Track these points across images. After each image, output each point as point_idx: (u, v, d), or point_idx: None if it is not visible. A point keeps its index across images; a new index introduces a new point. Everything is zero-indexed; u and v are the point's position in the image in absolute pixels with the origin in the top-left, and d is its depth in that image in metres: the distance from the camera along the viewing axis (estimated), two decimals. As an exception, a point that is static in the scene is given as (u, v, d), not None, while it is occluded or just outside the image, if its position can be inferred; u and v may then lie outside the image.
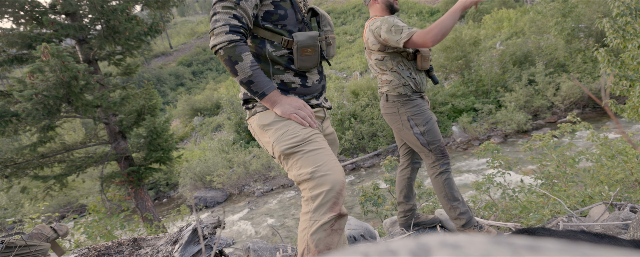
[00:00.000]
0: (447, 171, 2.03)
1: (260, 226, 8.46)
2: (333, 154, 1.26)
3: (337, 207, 1.13)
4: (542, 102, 11.19)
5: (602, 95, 0.69)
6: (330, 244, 1.12)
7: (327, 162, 1.18)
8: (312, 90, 1.38)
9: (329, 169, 1.16)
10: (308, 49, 1.27)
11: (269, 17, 1.26)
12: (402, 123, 2.01)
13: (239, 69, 1.17)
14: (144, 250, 2.08)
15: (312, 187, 1.15)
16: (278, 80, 1.32)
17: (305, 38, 1.26)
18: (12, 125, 5.61)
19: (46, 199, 6.87)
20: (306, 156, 1.19)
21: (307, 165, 1.18)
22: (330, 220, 1.12)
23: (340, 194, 1.14)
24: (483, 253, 0.20)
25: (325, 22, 1.39)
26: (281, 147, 1.23)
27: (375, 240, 2.54)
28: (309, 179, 1.16)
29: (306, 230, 1.14)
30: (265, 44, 1.29)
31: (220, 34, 1.16)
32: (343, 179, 1.17)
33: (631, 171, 2.77)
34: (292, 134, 1.23)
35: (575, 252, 0.20)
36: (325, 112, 1.48)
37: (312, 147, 1.21)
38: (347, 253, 0.22)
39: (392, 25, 1.80)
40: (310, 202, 1.15)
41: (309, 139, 1.23)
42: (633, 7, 4.42)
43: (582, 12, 12.38)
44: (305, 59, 1.28)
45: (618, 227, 1.79)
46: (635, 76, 4.46)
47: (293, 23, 1.29)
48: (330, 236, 1.12)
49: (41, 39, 5.95)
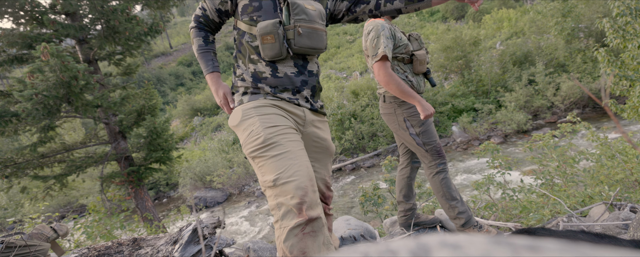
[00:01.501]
0: (444, 170, 2.04)
1: (260, 226, 8.46)
2: (299, 156, 1.19)
3: (304, 212, 1.09)
4: (542, 102, 11.18)
5: (602, 95, 0.69)
6: (304, 249, 1.09)
7: (290, 166, 1.15)
8: (285, 82, 1.34)
9: (291, 175, 1.13)
10: (267, 36, 1.28)
11: (245, 10, 1.33)
12: (399, 124, 2.03)
13: (194, 49, 1.45)
14: (144, 250, 2.08)
15: (276, 194, 1.13)
16: (252, 69, 1.36)
17: (263, 25, 1.28)
18: (12, 125, 5.61)
19: (46, 199, 6.87)
20: (269, 162, 1.17)
21: (269, 172, 1.16)
22: (298, 225, 1.09)
23: (304, 199, 1.10)
24: (483, 253, 0.20)
25: (297, 10, 1.30)
26: (246, 150, 1.24)
27: (375, 240, 2.54)
28: (273, 186, 1.14)
29: (279, 239, 1.13)
30: (244, 35, 1.36)
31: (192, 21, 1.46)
32: (307, 182, 1.13)
33: (631, 171, 2.76)
34: (254, 135, 1.22)
35: (575, 252, 0.20)
36: (305, 112, 1.38)
37: (275, 152, 1.18)
38: (347, 253, 0.22)
39: (376, 37, 1.84)
40: (277, 210, 1.13)
41: (271, 141, 1.19)
42: (633, 7, 4.41)
43: (582, 12, 12.38)
44: (266, 47, 1.30)
45: (618, 227, 1.79)
46: (635, 76, 4.46)
47: (270, 14, 1.31)
48: (303, 240, 1.09)
49: (41, 39, 5.95)
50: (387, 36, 1.85)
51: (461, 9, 25.75)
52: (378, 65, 1.84)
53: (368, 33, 1.89)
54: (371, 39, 1.86)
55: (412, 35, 2.07)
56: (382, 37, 1.83)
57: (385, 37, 1.85)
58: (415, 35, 2.07)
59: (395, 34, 1.93)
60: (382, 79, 1.84)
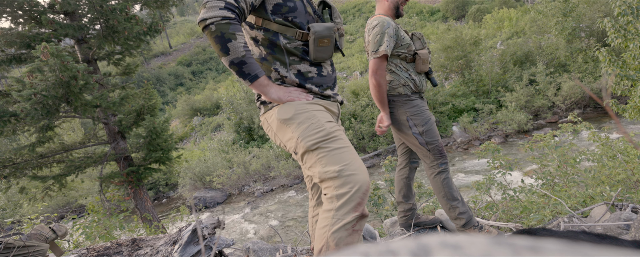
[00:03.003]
0: (445, 170, 2.03)
1: (260, 226, 8.46)
2: (357, 155, 1.24)
3: (361, 207, 1.12)
4: (543, 102, 11.19)
5: (604, 95, 0.69)
6: (350, 244, 1.12)
7: (353, 161, 1.17)
8: (328, 80, 1.40)
9: (356, 169, 1.15)
10: (325, 39, 1.29)
11: (278, 10, 1.25)
12: (401, 123, 2.02)
13: (232, 47, 1.10)
14: (144, 250, 2.08)
15: (338, 185, 1.13)
16: (295, 70, 1.32)
17: (322, 29, 1.28)
18: (11, 125, 5.60)
19: (45, 199, 6.86)
20: (332, 153, 1.18)
21: (333, 163, 1.16)
22: (353, 220, 1.11)
23: (366, 194, 1.13)
24: (484, 253, 0.19)
25: (336, 14, 1.41)
26: (307, 143, 1.20)
27: (375, 240, 2.53)
28: (336, 177, 1.14)
29: (327, 227, 1.13)
30: (279, 36, 1.28)
31: (213, 9, 1.08)
32: (368, 179, 1.16)
33: (633, 171, 2.76)
34: (316, 128, 1.22)
35: (576, 253, 0.20)
36: (338, 108, 1.46)
37: (337, 145, 1.20)
38: (347, 253, 0.22)
39: (380, 34, 1.85)
40: (335, 200, 1.13)
41: (333, 135, 1.22)
42: (634, 6, 4.41)
43: (583, 11, 12.39)
44: (321, 49, 1.30)
45: (619, 227, 1.78)
46: (636, 76, 4.46)
47: (302, 15, 1.29)
48: (351, 235, 1.12)
49: (40, 38, 5.95)
50: (390, 35, 1.85)
51: (461, 9, 25.76)
52: (376, 62, 1.86)
53: (372, 27, 1.89)
54: (375, 34, 1.86)
55: (415, 35, 2.07)
56: (386, 34, 1.84)
57: (389, 35, 1.85)
58: (418, 34, 2.07)
59: (399, 32, 1.93)
60: (376, 79, 1.87)
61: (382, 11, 2.01)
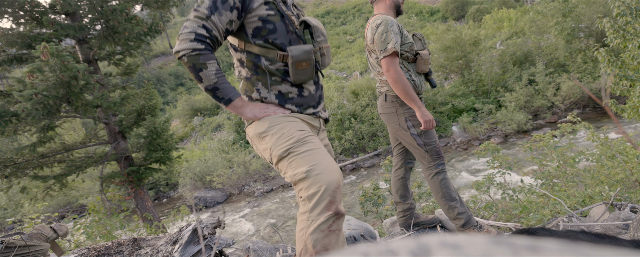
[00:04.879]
0: (443, 171, 2.04)
1: (260, 226, 8.46)
2: (328, 154, 1.25)
3: (333, 205, 1.12)
4: (542, 102, 11.19)
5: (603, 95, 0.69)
6: (327, 245, 1.11)
7: (322, 161, 1.18)
8: (309, 100, 1.40)
9: (324, 168, 1.15)
10: (303, 63, 1.28)
11: (258, 33, 1.27)
12: (400, 123, 2.02)
13: (204, 76, 1.18)
14: (144, 250, 2.08)
15: (308, 186, 1.14)
16: (276, 91, 1.34)
17: (299, 52, 1.27)
18: (12, 125, 5.60)
19: (46, 199, 6.86)
20: (301, 156, 1.20)
21: (301, 165, 1.17)
22: (327, 220, 1.11)
23: (336, 192, 1.13)
24: (483, 253, 0.20)
25: (318, 32, 1.36)
26: (278, 151, 1.23)
27: (375, 240, 2.54)
28: (304, 178, 1.15)
29: (304, 230, 1.13)
30: (260, 58, 1.30)
31: (185, 41, 1.17)
32: (339, 177, 1.16)
33: (631, 171, 2.76)
34: (287, 137, 1.24)
35: (576, 253, 0.20)
36: (320, 123, 1.48)
37: (306, 148, 1.21)
38: (347, 253, 0.22)
39: (386, 32, 1.82)
40: (307, 202, 1.14)
41: (303, 139, 1.24)
42: (633, 7, 4.41)
43: (583, 12, 12.38)
44: (300, 72, 1.30)
45: (618, 227, 1.79)
46: (635, 76, 4.46)
47: (283, 36, 1.29)
48: (328, 236, 1.11)
49: (41, 38, 5.95)
50: (395, 32, 1.84)
51: (461, 9, 25.75)
52: (388, 61, 1.82)
53: (376, 26, 1.87)
54: (380, 32, 1.84)
55: (415, 35, 2.07)
56: (391, 32, 1.82)
57: (394, 32, 1.84)
58: (418, 35, 2.07)
59: (402, 31, 1.93)
60: (391, 76, 1.82)
61: (383, 10, 2.01)
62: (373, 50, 1.98)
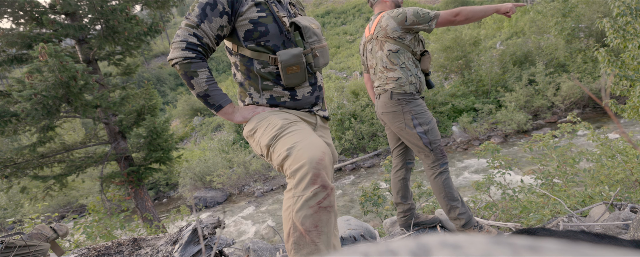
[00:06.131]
0: (446, 171, 2.03)
1: (260, 226, 8.46)
2: (313, 133, 1.22)
3: (319, 178, 1.05)
4: (542, 102, 11.19)
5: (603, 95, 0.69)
6: (317, 222, 1.04)
7: (304, 139, 1.16)
8: (303, 103, 1.39)
9: (306, 145, 1.12)
10: (293, 67, 1.28)
11: (250, 37, 1.27)
12: (405, 122, 2.00)
13: (195, 83, 1.23)
14: (144, 250, 2.08)
15: (291, 163, 1.10)
16: (268, 95, 1.35)
17: (288, 57, 1.26)
18: (12, 125, 5.60)
19: (46, 199, 6.86)
20: (284, 138, 1.19)
21: (284, 145, 1.16)
22: (315, 194, 1.04)
23: (320, 164, 1.06)
24: (483, 253, 0.20)
25: (309, 33, 1.33)
26: (265, 141, 1.24)
27: (375, 240, 2.54)
28: (287, 156, 1.12)
29: (290, 208, 1.07)
30: (253, 62, 1.30)
31: (177, 50, 1.21)
32: (323, 151, 1.11)
33: (631, 171, 2.76)
34: (272, 126, 1.25)
35: (576, 253, 0.20)
36: (317, 119, 1.46)
37: (289, 130, 1.22)
38: (347, 253, 0.22)
39: (418, 9, 1.85)
40: (292, 179, 1.09)
41: (288, 125, 1.24)
42: (633, 7, 4.41)
43: (583, 12, 12.38)
44: (291, 76, 1.30)
45: (618, 227, 1.79)
46: (635, 76, 4.46)
47: (276, 38, 1.28)
48: (318, 213, 1.04)
49: (41, 39, 5.95)
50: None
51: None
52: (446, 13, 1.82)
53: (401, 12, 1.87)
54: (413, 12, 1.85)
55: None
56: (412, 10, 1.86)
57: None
58: (419, 36, 2.08)
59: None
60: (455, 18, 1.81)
61: (386, 9, 2.02)
62: (388, 40, 1.95)
